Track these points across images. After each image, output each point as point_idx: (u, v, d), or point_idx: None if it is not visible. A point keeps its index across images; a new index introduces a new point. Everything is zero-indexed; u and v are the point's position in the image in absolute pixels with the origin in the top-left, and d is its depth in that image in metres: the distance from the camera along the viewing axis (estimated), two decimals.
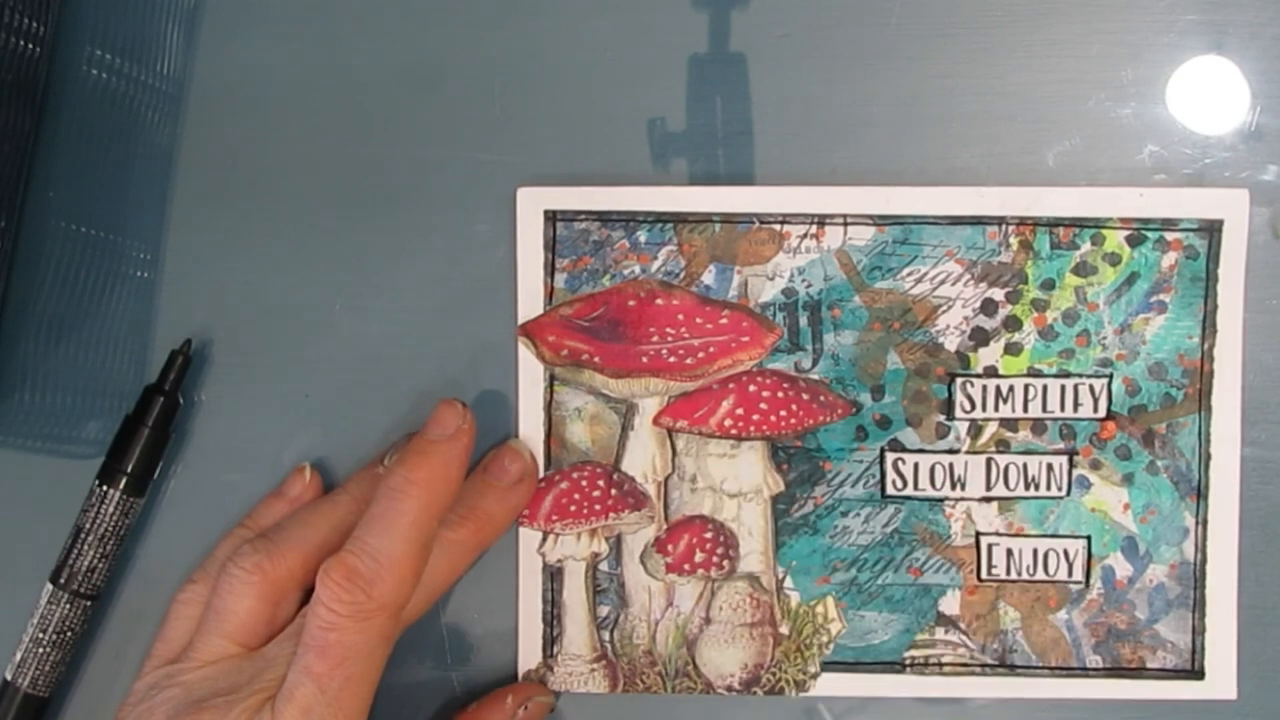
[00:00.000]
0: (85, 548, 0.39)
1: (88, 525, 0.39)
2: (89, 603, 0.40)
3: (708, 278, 0.41)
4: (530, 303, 0.41)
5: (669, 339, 0.40)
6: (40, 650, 0.39)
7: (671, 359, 0.40)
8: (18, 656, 0.39)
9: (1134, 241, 0.40)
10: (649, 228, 0.40)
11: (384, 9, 0.42)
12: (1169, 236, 0.40)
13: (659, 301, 0.41)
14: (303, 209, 0.41)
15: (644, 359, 0.40)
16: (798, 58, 0.41)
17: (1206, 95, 0.41)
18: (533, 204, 0.40)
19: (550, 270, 0.41)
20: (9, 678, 0.39)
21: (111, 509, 0.39)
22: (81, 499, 0.40)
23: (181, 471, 0.42)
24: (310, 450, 0.41)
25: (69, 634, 0.39)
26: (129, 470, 0.39)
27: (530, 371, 0.41)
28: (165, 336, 0.41)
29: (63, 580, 0.39)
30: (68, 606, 0.39)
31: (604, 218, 0.40)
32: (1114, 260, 0.40)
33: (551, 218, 0.40)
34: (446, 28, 0.41)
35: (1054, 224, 0.40)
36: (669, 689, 0.41)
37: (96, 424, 0.41)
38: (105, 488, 0.39)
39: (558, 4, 0.41)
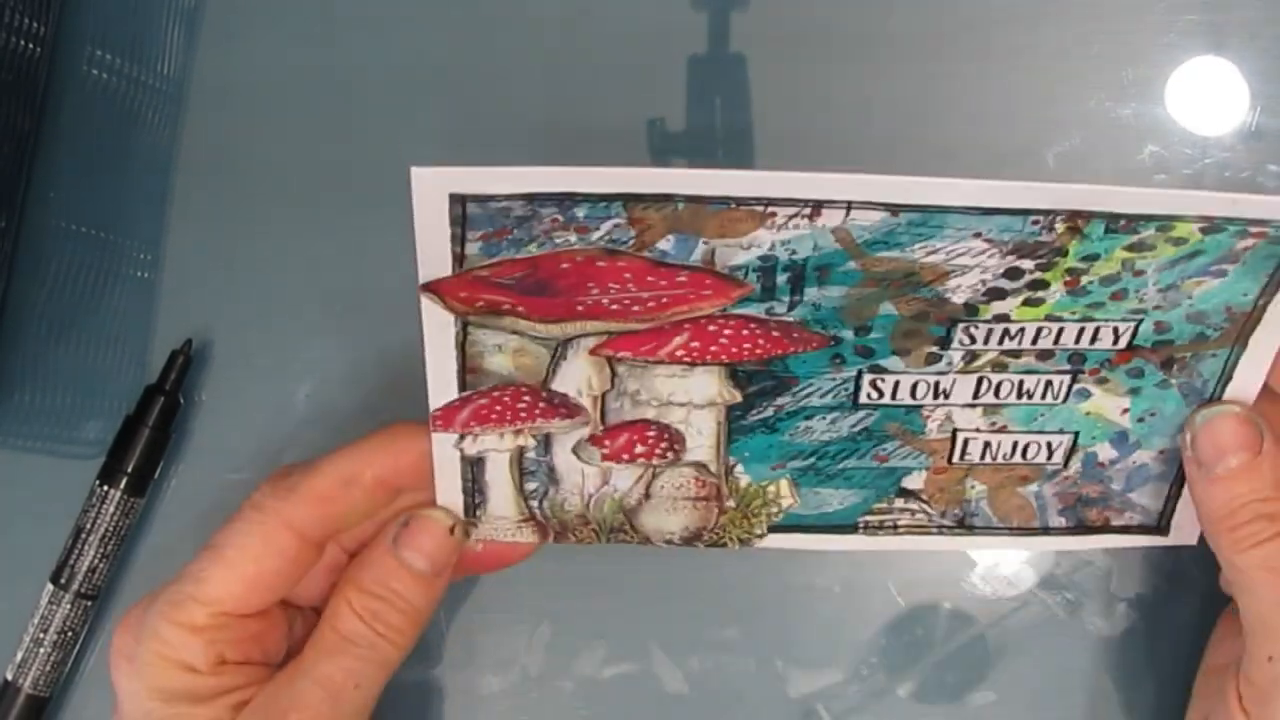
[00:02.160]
0: (86, 548, 0.39)
1: (88, 525, 0.39)
2: (89, 603, 0.40)
3: (664, 245, 0.32)
4: (435, 272, 0.32)
5: (612, 293, 0.32)
6: (41, 650, 0.39)
7: (614, 307, 0.32)
8: (19, 657, 0.39)
9: (1209, 230, 0.33)
10: (590, 204, 0.31)
11: (384, 9, 0.42)
12: (1253, 229, 0.33)
13: (601, 264, 0.32)
14: (303, 209, 0.41)
15: (580, 308, 0.33)
16: (798, 58, 0.41)
17: (1206, 95, 0.41)
18: (432, 188, 0.31)
19: (460, 241, 0.31)
20: (10, 678, 0.39)
21: (112, 509, 0.39)
22: (81, 499, 0.40)
23: (181, 471, 0.42)
24: (310, 450, 0.41)
25: (70, 634, 0.39)
26: (129, 470, 0.39)
27: (437, 319, 0.33)
28: (165, 336, 0.41)
29: (63, 580, 0.39)
30: (68, 606, 0.39)
31: (531, 198, 0.31)
32: (1179, 242, 0.33)
33: (460, 200, 0.31)
34: (447, 28, 0.41)
35: (1114, 216, 0.32)
36: (605, 541, 0.38)
37: (96, 424, 0.41)
38: (106, 488, 0.39)
39: (558, 4, 0.41)
